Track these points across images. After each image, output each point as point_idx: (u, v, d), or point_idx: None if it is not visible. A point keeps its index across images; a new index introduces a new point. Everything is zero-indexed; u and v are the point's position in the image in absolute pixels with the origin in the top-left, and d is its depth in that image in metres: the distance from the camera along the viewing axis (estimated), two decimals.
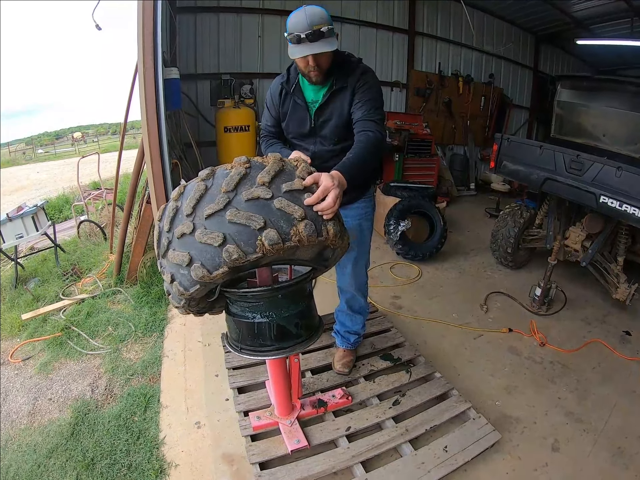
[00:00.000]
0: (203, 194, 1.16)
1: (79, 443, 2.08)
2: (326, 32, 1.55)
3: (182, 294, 1.19)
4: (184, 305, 1.29)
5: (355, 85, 1.74)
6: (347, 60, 1.80)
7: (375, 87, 1.77)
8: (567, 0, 6.48)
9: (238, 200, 1.12)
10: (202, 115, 5.46)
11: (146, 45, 2.99)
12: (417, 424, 2.01)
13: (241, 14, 5.36)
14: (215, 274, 1.11)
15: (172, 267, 1.18)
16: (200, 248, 1.12)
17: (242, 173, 1.15)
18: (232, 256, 1.08)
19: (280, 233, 1.09)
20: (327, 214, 1.18)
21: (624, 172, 2.71)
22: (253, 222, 1.08)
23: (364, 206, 2.09)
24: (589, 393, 2.49)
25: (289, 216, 1.11)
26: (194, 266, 1.12)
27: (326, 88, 1.80)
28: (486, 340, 2.97)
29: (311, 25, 1.53)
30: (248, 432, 1.92)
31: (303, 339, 1.51)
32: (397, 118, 6.47)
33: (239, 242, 1.09)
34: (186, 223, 1.15)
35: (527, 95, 8.75)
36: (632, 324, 3.31)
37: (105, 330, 3.05)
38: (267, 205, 1.12)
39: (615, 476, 1.95)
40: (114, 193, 4.40)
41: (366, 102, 1.71)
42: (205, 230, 1.11)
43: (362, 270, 2.24)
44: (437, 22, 6.99)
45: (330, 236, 1.19)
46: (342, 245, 1.31)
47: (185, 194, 1.20)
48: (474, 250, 4.74)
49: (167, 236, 1.20)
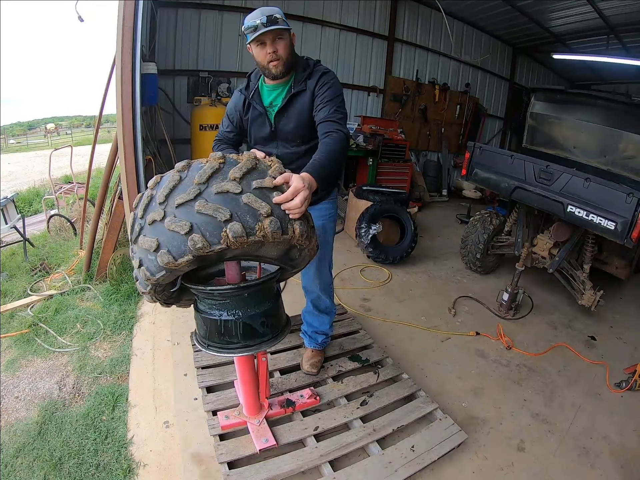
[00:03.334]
0: (177, 184, 1.18)
1: (47, 442, 2.03)
2: (280, 20, 1.67)
3: (149, 279, 1.20)
4: (150, 291, 1.30)
5: (315, 87, 1.79)
6: (305, 64, 1.86)
7: (335, 86, 1.80)
8: (546, 15, 6.70)
9: (208, 192, 1.14)
10: (178, 112, 5.41)
11: (125, 40, 2.95)
12: (384, 424, 2.03)
13: (223, 11, 5.34)
14: (180, 261, 1.12)
15: (141, 253, 1.20)
16: (168, 235, 1.13)
17: (215, 167, 1.18)
18: (197, 245, 1.09)
19: (245, 227, 1.11)
20: (294, 214, 1.20)
21: (591, 183, 2.83)
22: (219, 214, 1.10)
23: (327, 207, 2.11)
24: (555, 395, 2.57)
25: (256, 211, 1.13)
26: (161, 252, 1.13)
27: (285, 91, 1.85)
28: (454, 344, 3.03)
29: (265, 15, 1.64)
30: (216, 432, 1.91)
31: (269, 337, 1.52)
32: (373, 123, 6.54)
33: (204, 232, 1.10)
34: (158, 210, 1.16)
35: (502, 105, 9.01)
36: (597, 329, 3.44)
37: (73, 327, 2.97)
38: (235, 200, 1.14)
39: (580, 475, 2.02)
40: (85, 188, 4.30)
41: (327, 103, 1.75)
42: (174, 219, 1.12)
43: (325, 270, 2.25)
44: (417, 30, 7.13)
45: (297, 235, 1.21)
46: (309, 246, 1.32)
47: (161, 183, 1.22)
48: (444, 255, 4.83)
49: (140, 222, 1.21)
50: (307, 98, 1.81)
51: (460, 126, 8.28)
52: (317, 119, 1.77)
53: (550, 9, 6.37)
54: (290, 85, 1.83)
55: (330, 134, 1.66)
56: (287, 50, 1.75)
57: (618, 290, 4.17)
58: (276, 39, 1.70)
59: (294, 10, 5.78)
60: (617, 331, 3.46)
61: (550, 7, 6.31)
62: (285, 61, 1.76)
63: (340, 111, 1.76)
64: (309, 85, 1.80)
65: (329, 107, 1.74)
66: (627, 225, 2.61)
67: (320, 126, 1.74)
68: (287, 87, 1.85)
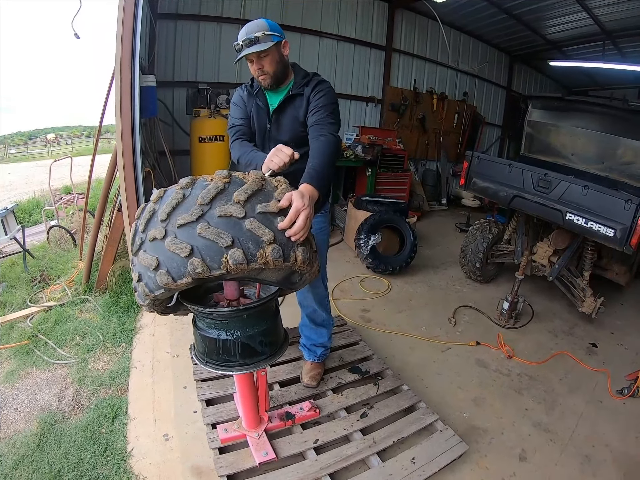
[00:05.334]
0: (180, 202, 1.16)
1: (46, 454, 2.01)
2: (261, 37, 1.72)
3: (147, 295, 1.20)
4: (148, 304, 1.29)
5: (311, 94, 1.84)
6: (305, 73, 1.93)
7: (329, 95, 1.85)
8: (542, 22, 6.77)
9: (211, 214, 1.13)
10: (178, 123, 5.42)
11: (124, 52, 2.97)
12: (384, 436, 2.02)
13: (221, 23, 5.37)
14: (179, 282, 1.12)
15: (141, 268, 1.19)
16: (168, 255, 1.12)
17: (219, 188, 1.16)
18: (196, 269, 1.08)
19: (247, 254, 1.10)
20: (298, 237, 1.19)
21: (590, 191, 2.84)
22: (221, 239, 1.09)
23: (319, 221, 2.11)
24: (556, 404, 2.55)
25: (258, 238, 1.12)
26: (160, 272, 1.12)
27: (283, 94, 1.90)
28: (454, 353, 3.02)
29: (248, 34, 1.71)
30: (216, 445, 1.90)
31: (268, 356, 1.53)
32: (371, 133, 6.57)
33: (205, 256, 1.09)
34: (159, 228, 1.15)
35: (499, 113, 9.06)
36: (598, 336, 3.43)
37: (73, 339, 2.96)
38: (238, 224, 1.12)
39: None
40: (85, 199, 4.30)
41: (320, 108, 1.80)
42: (175, 239, 1.11)
43: (319, 284, 2.24)
44: (414, 40, 7.19)
45: (299, 262, 1.20)
46: (310, 271, 1.31)
47: (164, 199, 1.21)
48: (444, 264, 4.83)
49: (141, 236, 1.21)
50: (303, 102, 1.86)
51: (459, 135, 8.32)
52: (309, 122, 1.82)
53: (546, 16, 6.44)
54: (289, 90, 1.90)
55: (321, 136, 1.69)
56: (274, 65, 1.81)
57: (618, 296, 4.16)
58: (260, 56, 1.76)
59: (291, 22, 5.83)
60: (618, 337, 3.45)
61: (546, 15, 6.38)
62: (273, 75, 1.83)
63: (332, 117, 1.81)
64: (305, 92, 1.86)
65: (322, 112, 1.79)
66: (626, 232, 2.62)
67: (311, 129, 1.78)
68: (286, 92, 1.91)
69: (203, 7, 5.27)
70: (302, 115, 1.87)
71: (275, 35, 1.76)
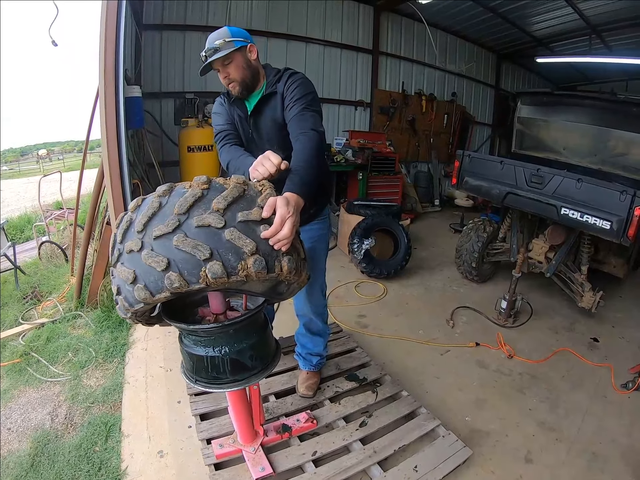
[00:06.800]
0: (156, 211, 1.10)
1: (39, 475, 1.96)
2: (221, 44, 1.67)
3: (127, 309, 1.15)
4: (130, 317, 1.23)
5: (284, 88, 1.75)
6: (277, 70, 1.84)
7: (304, 85, 1.74)
8: (528, 19, 6.80)
9: (188, 225, 1.07)
10: (166, 134, 5.39)
11: (107, 63, 2.94)
12: (385, 445, 1.96)
13: (206, 32, 5.32)
14: (158, 297, 1.06)
15: (119, 281, 1.14)
16: (145, 269, 1.06)
17: (197, 195, 1.10)
18: (174, 284, 1.02)
19: (227, 266, 1.04)
20: (283, 245, 1.12)
21: (584, 184, 2.82)
22: (198, 252, 1.03)
23: (318, 228, 2.06)
24: (560, 401, 2.51)
25: (239, 249, 1.06)
26: (138, 286, 1.07)
27: (258, 98, 1.82)
28: (453, 356, 2.97)
29: (210, 44, 1.68)
30: (211, 461, 1.84)
31: (259, 370, 1.47)
32: (361, 137, 6.55)
33: (182, 270, 1.04)
34: (135, 240, 1.10)
35: (489, 112, 9.10)
36: (599, 330, 3.40)
37: (65, 356, 2.91)
38: (217, 235, 1.06)
39: None
40: (74, 213, 4.26)
41: (297, 101, 1.69)
42: (151, 252, 1.06)
43: (317, 294, 2.18)
44: (400, 42, 7.20)
45: (284, 272, 1.13)
46: (298, 280, 1.25)
47: (141, 208, 1.15)
48: (439, 265, 4.79)
49: (119, 248, 1.15)
50: (278, 101, 1.77)
51: (449, 135, 8.33)
52: (287, 118, 1.72)
53: (532, 13, 6.47)
54: (263, 90, 1.82)
55: (302, 135, 1.57)
56: (240, 71, 1.74)
57: (617, 289, 4.14)
58: (224, 64, 1.72)
59: (277, 28, 5.84)
60: (619, 331, 3.43)
61: (531, 11, 6.41)
62: (241, 82, 1.76)
63: (311, 108, 1.68)
64: (278, 88, 1.76)
65: (299, 105, 1.67)
66: (622, 224, 2.59)
67: (291, 125, 1.68)
68: (260, 94, 1.82)
69: (188, 17, 5.27)
70: (280, 115, 1.77)
71: (237, 41, 1.71)
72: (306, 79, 1.79)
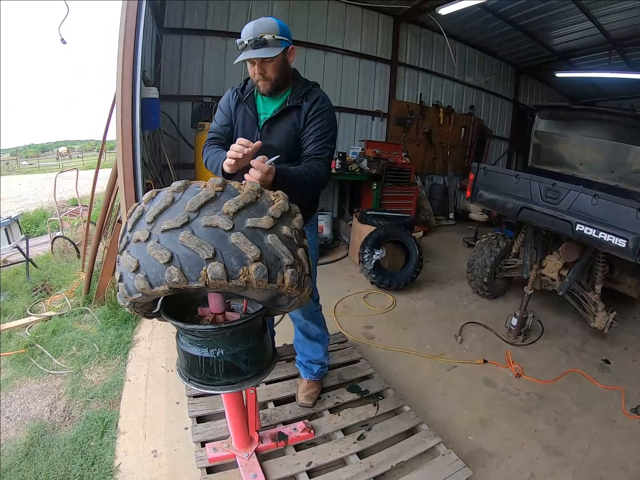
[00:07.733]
0: (168, 205, 1.12)
1: (33, 465, 1.97)
2: (270, 40, 1.59)
3: (126, 296, 1.15)
4: (129, 305, 1.24)
5: (309, 110, 1.73)
6: (305, 83, 1.81)
7: (329, 117, 1.75)
8: (548, 33, 6.74)
9: (197, 223, 1.08)
10: (183, 137, 5.45)
11: (125, 62, 2.98)
12: (382, 460, 1.91)
13: (227, 37, 5.41)
14: (157, 289, 1.06)
15: (123, 268, 1.15)
16: (148, 259, 1.07)
17: (210, 195, 1.11)
18: (173, 278, 1.02)
19: (228, 269, 1.03)
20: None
21: (600, 200, 2.74)
22: (202, 250, 1.03)
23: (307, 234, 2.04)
24: (568, 424, 2.44)
25: (242, 254, 1.05)
26: (139, 275, 1.07)
27: (280, 103, 1.79)
28: (460, 372, 2.91)
29: (256, 33, 1.57)
30: (204, 464, 1.82)
31: (252, 375, 1.45)
32: (377, 147, 6.50)
33: (184, 266, 1.04)
34: (144, 230, 1.11)
35: (506, 126, 9.00)
36: (611, 352, 3.30)
37: (69, 350, 2.94)
38: (223, 237, 1.06)
39: None
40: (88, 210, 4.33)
41: (318, 138, 1.71)
42: (157, 244, 1.07)
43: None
44: (419, 53, 7.17)
45: (286, 285, 1.12)
46: (301, 295, 1.23)
47: (155, 200, 1.17)
48: (451, 279, 4.72)
49: (128, 236, 1.17)
50: (300, 117, 1.75)
51: (466, 148, 8.25)
52: (303, 147, 1.74)
53: (552, 26, 6.40)
54: (286, 99, 1.78)
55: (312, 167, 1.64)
56: (277, 71, 1.69)
57: (631, 310, 4.01)
58: (264, 60, 1.64)
59: (296, 36, 5.79)
60: (632, 353, 3.32)
61: (551, 25, 6.35)
62: (274, 82, 1.71)
63: (328, 148, 1.74)
64: (304, 106, 1.74)
65: (319, 143, 1.71)
66: (638, 242, 2.50)
67: (305, 158, 1.72)
68: (282, 100, 1.79)
69: (209, 22, 5.33)
70: (296, 129, 1.76)
71: (284, 41, 1.65)
72: (332, 111, 1.80)
